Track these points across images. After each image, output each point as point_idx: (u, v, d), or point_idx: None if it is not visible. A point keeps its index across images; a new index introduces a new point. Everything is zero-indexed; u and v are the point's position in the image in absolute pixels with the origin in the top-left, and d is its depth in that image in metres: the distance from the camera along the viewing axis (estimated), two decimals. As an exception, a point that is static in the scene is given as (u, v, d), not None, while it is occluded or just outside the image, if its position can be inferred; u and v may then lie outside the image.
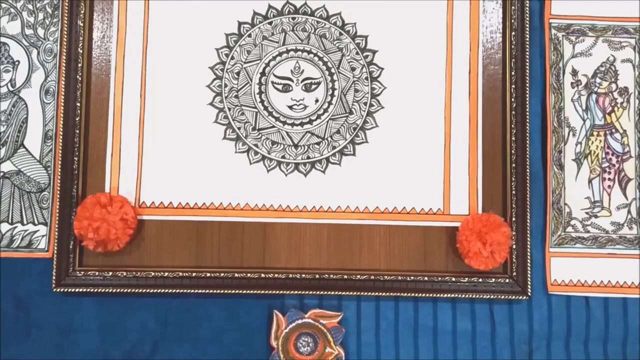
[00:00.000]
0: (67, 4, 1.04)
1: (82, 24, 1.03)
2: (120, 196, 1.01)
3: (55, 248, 1.01)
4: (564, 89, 1.06)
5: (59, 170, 1.02)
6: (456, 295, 1.02)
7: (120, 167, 1.03)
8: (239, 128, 1.05)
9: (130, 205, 1.00)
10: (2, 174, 1.03)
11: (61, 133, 1.02)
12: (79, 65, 1.03)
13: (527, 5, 1.05)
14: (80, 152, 1.02)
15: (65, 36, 1.03)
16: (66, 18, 1.03)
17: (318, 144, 1.05)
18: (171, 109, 1.04)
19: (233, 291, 1.01)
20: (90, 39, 1.04)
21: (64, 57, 1.03)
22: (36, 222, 1.03)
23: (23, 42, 1.05)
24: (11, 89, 1.04)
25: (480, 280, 1.02)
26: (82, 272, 1.01)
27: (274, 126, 1.05)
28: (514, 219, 1.03)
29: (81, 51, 1.03)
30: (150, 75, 1.05)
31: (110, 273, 1.01)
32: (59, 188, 1.01)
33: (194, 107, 1.05)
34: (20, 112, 1.04)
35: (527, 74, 1.05)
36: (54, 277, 1.01)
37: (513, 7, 1.05)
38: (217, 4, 1.06)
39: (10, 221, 1.03)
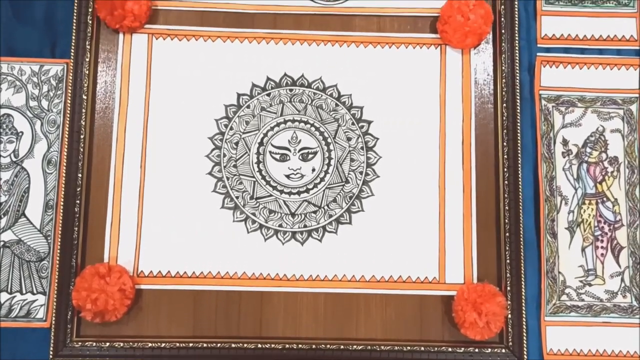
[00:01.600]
0: (71, 77, 1.07)
1: (85, 97, 1.06)
2: (118, 266, 1.02)
3: (54, 318, 1.01)
4: (555, 158, 1.09)
5: (59, 239, 1.03)
6: (453, 365, 1.02)
7: (119, 236, 1.05)
8: (237, 197, 1.07)
9: (129, 275, 1.01)
10: (2, 243, 1.04)
11: (62, 203, 1.04)
12: (82, 136, 1.05)
13: (518, 77, 1.09)
14: (80, 221, 1.04)
15: (69, 108, 1.06)
16: (70, 90, 1.06)
17: (315, 212, 1.07)
18: (171, 179, 1.07)
19: (230, 361, 1.01)
20: (93, 111, 1.07)
21: (67, 129, 1.06)
22: (35, 291, 1.03)
23: (27, 113, 1.07)
24: (14, 159, 1.06)
25: (477, 350, 1.02)
26: (80, 343, 1.01)
27: (271, 195, 1.07)
28: (508, 287, 1.04)
29: (84, 123, 1.06)
30: (151, 145, 1.07)
31: (108, 344, 1.01)
32: (58, 257, 1.02)
33: (193, 177, 1.07)
34: (23, 182, 1.06)
35: (519, 144, 1.07)
36: (51, 348, 1.01)
37: (504, 80, 1.09)
38: (216, 77, 1.09)
39: (9, 290, 1.03)
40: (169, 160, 1.07)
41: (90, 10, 1.08)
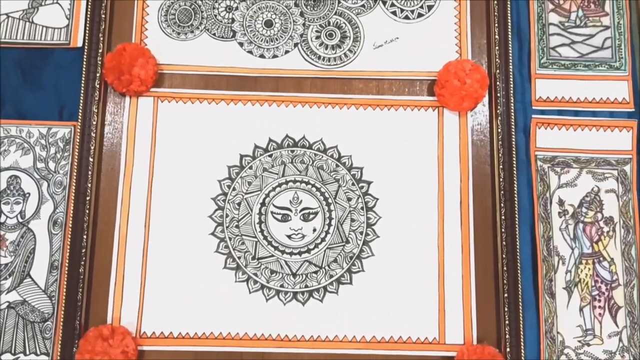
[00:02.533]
0: (78, 139, 1.10)
1: (92, 159, 1.09)
2: (122, 327, 1.03)
3: (56, 380, 1.02)
4: (552, 218, 1.11)
5: (64, 300, 1.04)
6: None
7: (122, 297, 1.06)
8: (239, 257, 1.09)
9: (132, 337, 1.02)
10: (7, 304, 1.06)
11: (67, 264, 1.06)
12: (87, 198, 1.08)
13: (514, 139, 1.11)
14: (84, 282, 1.05)
15: (75, 170, 1.09)
16: (77, 152, 1.09)
17: (316, 272, 1.09)
18: (174, 240, 1.08)
19: None
20: (99, 173, 1.10)
21: (73, 190, 1.08)
22: (38, 352, 1.04)
23: (34, 175, 1.10)
24: (20, 220, 1.08)
25: (477, 412, 1.03)
26: (82, 406, 1.02)
27: (273, 255, 1.09)
28: (508, 349, 1.04)
29: (89, 185, 1.08)
30: (155, 207, 1.09)
31: (110, 406, 1.02)
32: (62, 318, 1.04)
33: (196, 237, 1.09)
34: (28, 242, 1.08)
35: (516, 205, 1.09)
36: (53, 411, 1.01)
37: (500, 142, 1.11)
38: (220, 138, 1.12)
39: (12, 352, 1.04)
40: (172, 221, 1.09)
41: (98, 75, 1.11)
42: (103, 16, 1.14)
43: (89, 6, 1.14)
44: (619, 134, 1.13)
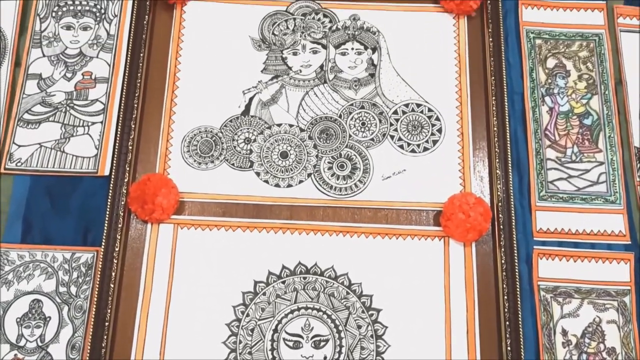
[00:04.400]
0: (100, 265, 1.14)
1: (112, 285, 1.13)
2: None
3: None
4: (556, 348, 1.14)
5: None
6: None
7: None
8: (251, 384, 1.11)
9: None
10: None
11: (83, 390, 1.08)
12: (106, 324, 1.11)
13: (517, 269, 1.16)
14: (99, 409, 1.07)
15: (96, 295, 1.13)
16: (99, 278, 1.14)
17: (326, 401, 1.11)
18: (188, 366, 1.11)
19: None
20: (119, 299, 1.14)
21: (93, 315, 1.12)
22: None
23: (56, 299, 1.14)
24: (40, 344, 1.11)
25: None
26: None
27: (284, 382, 1.11)
28: None
29: (109, 310, 1.12)
30: (171, 333, 1.12)
31: None
32: None
33: (209, 364, 1.12)
34: (46, 367, 1.10)
35: (521, 334, 1.13)
36: None
37: (504, 273, 1.16)
38: (235, 264, 1.17)
39: None
40: (187, 348, 1.12)
41: (122, 203, 1.18)
42: (130, 147, 1.22)
43: (118, 138, 1.23)
44: (617, 266, 1.18)
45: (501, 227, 1.19)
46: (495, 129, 1.25)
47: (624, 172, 1.25)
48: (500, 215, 1.20)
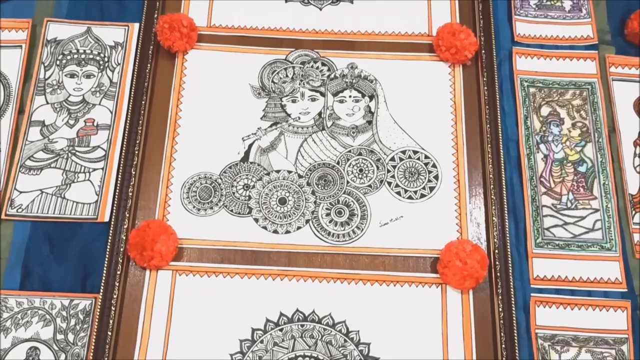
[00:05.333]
0: (98, 312, 1.15)
1: (110, 333, 1.13)
2: None
3: None
4: (554, 398, 1.14)
5: None
6: None
7: None
8: None
9: None
10: None
11: None
12: (103, 371, 1.11)
13: (514, 317, 1.16)
14: None
15: (94, 343, 1.13)
16: (96, 326, 1.14)
17: None
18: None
19: None
20: (116, 346, 1.14)
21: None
22: None
23: (53, 346, 1.14)
24: (36, 393, 1.11)
25: None
26: None
27: None
28: None
29: (106, 358, 1.12)
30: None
31: None
32: None
33: (206, 413, 1.11)
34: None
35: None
36: None
37: (501, 321, 1.16)
38: (233, 311, 1.17)
39: None
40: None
41: (122, 249, 1.19)
42: (130, 193, 1.23)
43: (118, 184, 1.24)
44: (614, 314, 1.19)
45: (498, 274, 1.20)
46: (491, 175, 1.27)
47: (619, 219, 1.26)
48: (497, 263, 1.20)
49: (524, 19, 1.42)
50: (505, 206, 1.25)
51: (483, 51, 1.37)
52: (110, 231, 1.21)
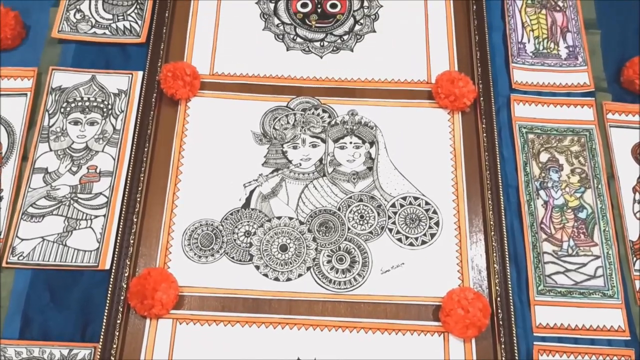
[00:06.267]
0: (99, 355, 1.13)
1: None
2: None
3: None
4: None
5: None
6: None
7: None
8: None
9: None
10: None
11: None
12: None
13: (517, 366, 1.16)
14: None
15: (92, 394, 1.12)
16: (95, 376, 1.13)
17: None
18: None
19: None
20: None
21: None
22: None
23: (51, 398, 1.12)
24: None
25: None
26: None
27: None
28: None
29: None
30: None
31: None
32: None
33: None
34: None
35: None
36: None
37: (503, 358, 1.16)
38: (234, 361, 1.16)
39: None
40: None
41: (122, 298, 1.18)
42: (132, 241, 1.23)
43: (120, 231, 1.24)
44: (619, 363, 1.18)
45: (500, 322, 1.19)
46: (491, 222, 1.27)
47: (621, 266, 1.26)
48: (499, 311, 1.20)
49: (521, 67, 1.45)
50: (507, 253, 1.25)
51: (482, 98, 1.39)
52: (111, 279, 1.20)
